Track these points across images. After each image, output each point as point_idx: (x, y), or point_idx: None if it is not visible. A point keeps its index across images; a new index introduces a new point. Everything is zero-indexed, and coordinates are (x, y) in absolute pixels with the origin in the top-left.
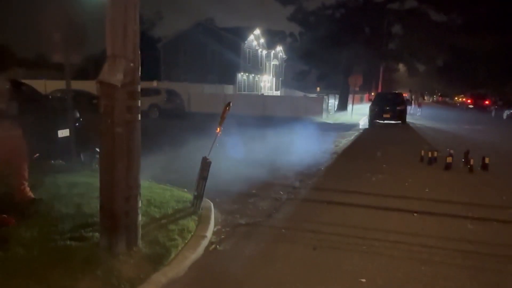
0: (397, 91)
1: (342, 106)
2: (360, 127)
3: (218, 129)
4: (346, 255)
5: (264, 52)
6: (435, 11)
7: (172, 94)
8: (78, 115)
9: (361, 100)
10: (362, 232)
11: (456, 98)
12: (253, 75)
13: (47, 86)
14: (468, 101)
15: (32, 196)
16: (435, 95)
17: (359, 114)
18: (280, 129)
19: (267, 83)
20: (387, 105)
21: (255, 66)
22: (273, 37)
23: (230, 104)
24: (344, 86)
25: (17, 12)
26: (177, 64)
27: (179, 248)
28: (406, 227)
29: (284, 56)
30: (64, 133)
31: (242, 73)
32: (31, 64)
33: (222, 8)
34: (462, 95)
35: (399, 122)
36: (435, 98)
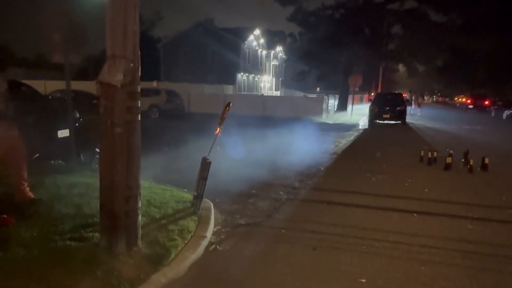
0: (397, 92)
1: (342, 106)
2: (360, 127)
3: (218, 129)
4: (346, 255)
5: (264, 52)
6: (435, 11)
7: (172, 94)
8: (78, 115)
9: (361, 100)
10: (361, 233)
11: (456, 99)
12: (253, 75)
13: (47, 87)
14: (468, 101)
15: (32, 196)
16: (435, 96)
17: (359, 114)
18: (280, 129)
19: (267, 83)
20: (387, 105)
21: (255, 66)
22: (273, 37)
23: (230, 104)
24: (344, 86)
25: (17, 13)
26: (177, 64)
27: (179, 248)
28: (406, 228)
29: (284, 56)
30: (64, 133)
31: (242, 73)
32: (31, 64)
33: (222, 8)
34: (462, 95)
35: (399, 122)
36: (435, 98)
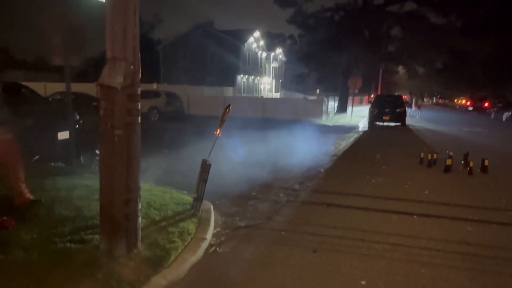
0: (396, 93)
1: (342, 108)
2: (360, 129)
3: (218, 131)
4: (346, 257)
5: (264, 54)
6: (434, 13)
7: (172, 96)
8: (78, 117)
9: (360, 102)
10: (361, 235)
11: (455, 100)
12: (252, 77)
13: (47, 89)
14: (468, 103)
15: (31, 197)
16: (434, 97)
17: (358, 116)
18: (279, 131)
19: (266, 85)
20: (386, 107)
21: (255, 68)
22: (272, 39)
23: (230, 106)
24: (344, 88)
25: (17, 15)
26: (176, 66)
27: (179, 250)
28: (406, 230)
29: (283, 58)
30: (64, 135)
31: (242, 75)
32: (30, 66)
33: (222, 11)
34: (462, 97)
35: (399, 124)
36: (434, 100)
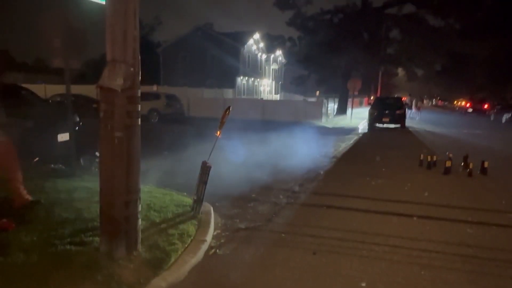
0: (396, 95)
1: (342, 110)
2: (360, 131)
3: (218, 132)
4: (346, 259)
5: (264, 56)
6: (433, 16)
7: (172, 98)
8: (77, 119)
9: (360, 104)
10: (361, 237)
11: (455, 102)
12: (252, 79)
13: (46, 91)
14: (467, 105)
15: (30, 198)
16: (434, 99)
17: (358, 118)
18: (279, 133)
19: (266, 87)
20: (386, 109)
21: (255, 70)
22: (272, 41)
23: (230, 108)
24: (343, 90)
25: (17, 17)
26: (176, 68)
27: (179, 252)
28: (406, 232)
29: (283, 60)
30: (64, 137)
31: (242, 77)
32: (30, 69)
33: (221, 13)
34: (461, 99)
35: (398, 126)
36: (434, 102)
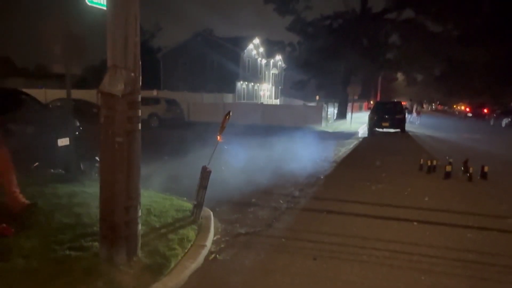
0: (396, 100)
1: (341, 115)
2: (359, 135)
3: (219, 137)
4: (347, 265)
5: (264, 61)
6: (432, 22)
7: (172, 103)
8: (78, 124)
9: (360, 109)
10: (362, 242)
11: (454, 107)
12: (252, 83)
13: (47, 96)
14: (467, 109)
15: (26, 202)
16: (433, 104)
17: (358, 122)
18: (279, 137)
19: (266, 92)
20: (386, 113)
21: (255, 75)
22: (272, 46)
23: (230, 113)
24: (343, 95)
25: (17, 23)
26: (176, 73)
27: (179, 257)
28: (406, 237)
29: (283, 65)
30: (64, 142)
31: (242, 82)
32: (31, 74)
33: (221, 19)
34: (461, 103)
35: (398, 130)
36: (433, 106)
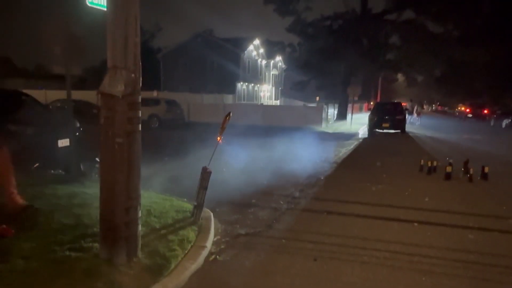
0: (396, 101)
1: (342, 116)
2: (360, 136)
3: (219, 138)
4: (347, 266)
5: (264, 62)
6: (432, 22)
7: (172, 104)
8: (78, 124)
9: (360, 110)
10: (362, 243)
11: (455, 108)
12: (252, 84)
13: (47, 96)
14: (467, 110)
15: (24, 203)
16: (434, 105)
17: (358, 123)
18: (279, 138)
19: (266, 93)
20: (386, 114)
21: (255, 75)
22: (272, 47)
23: (230, 114)
24: (343, 96)
25: (17, 23)
26: (176, 74)
27: (179, 258)
28: (407, 238)
29: (283, 66)
30: (64, 143)
31: (242, 82)
32: (31, 74)
33: (221, 19)
34: (461, 104)
35: (398, 131)
36: (434, 107)
